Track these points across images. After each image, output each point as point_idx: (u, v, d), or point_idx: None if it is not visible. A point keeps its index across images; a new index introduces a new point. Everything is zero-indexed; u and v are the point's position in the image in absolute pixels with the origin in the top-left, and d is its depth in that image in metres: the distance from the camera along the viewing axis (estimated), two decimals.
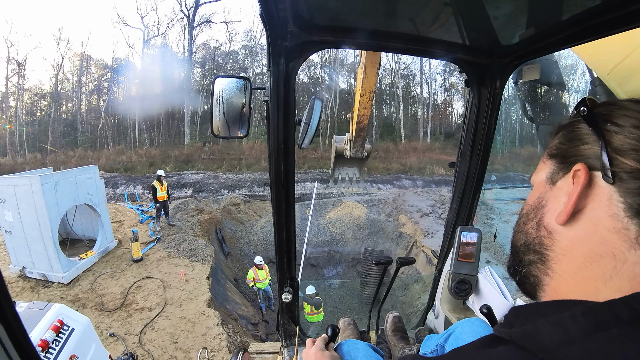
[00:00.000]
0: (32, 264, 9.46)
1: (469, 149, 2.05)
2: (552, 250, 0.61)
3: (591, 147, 0.58)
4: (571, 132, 0.64)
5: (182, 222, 14.07)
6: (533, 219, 0.66)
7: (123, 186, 22.31)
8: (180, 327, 8.00)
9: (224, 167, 27.02)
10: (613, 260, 0.52)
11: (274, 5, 1.22)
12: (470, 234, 2.10)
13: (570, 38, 1.24)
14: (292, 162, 1.76)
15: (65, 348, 3.58)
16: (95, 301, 8.79)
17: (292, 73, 1.52)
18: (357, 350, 1.45)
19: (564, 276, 0.59)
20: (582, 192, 0.56)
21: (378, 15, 1.33)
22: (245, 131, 1.64)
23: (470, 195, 2.20)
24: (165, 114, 33.22)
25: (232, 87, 1.57)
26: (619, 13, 1.01)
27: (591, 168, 0.56)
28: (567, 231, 0.59)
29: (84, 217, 11.58)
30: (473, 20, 1.34)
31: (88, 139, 33.82)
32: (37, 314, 3.65)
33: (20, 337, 0.80)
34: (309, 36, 1.44)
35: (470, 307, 2.20)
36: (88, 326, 4.09)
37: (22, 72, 33.91)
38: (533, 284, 0.65)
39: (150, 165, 26.94)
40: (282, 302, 2.40)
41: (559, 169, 0.64)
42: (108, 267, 10.42)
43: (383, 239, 16.08)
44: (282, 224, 1.99)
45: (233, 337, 7.94)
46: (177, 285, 9.67)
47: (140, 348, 7.18)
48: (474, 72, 1.80)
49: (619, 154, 0.53)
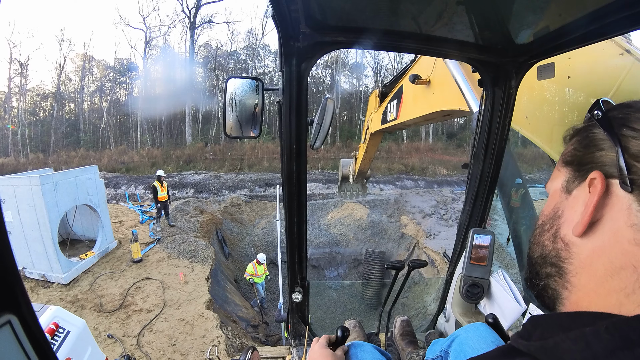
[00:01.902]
0: (32, 264, 9.46)
1: (482, 150, 2.03)
2: (570, 263, 0.58)
3: (607, 153, 0.55)
4: (586, 137, 0.61)
5: (182, 222, 14.07)
6: (549, 230, 0.64)
7: (124, 186, 22.39)
8: (178, 329, 7.98)
9: (226, 168, 27.14)
10: (635, 273, 0.49)
11: (285, 6, 1.23)
12: (483, 236, 2.07)
13: (586, 36, 1.22)
14: (304, 162, 1.77)
15: (60, 351, 3.63)
16: (94, 302, 8.77)
17: (305, 74, 1.52)
18: (363, 352, 1.42)
19: (583, 290, 0.56)
20: (600, 202, 0.53)
21: (390, 15, 1.33)
22: (257, 131, 1.66)
23: (483, 198, 2.18)
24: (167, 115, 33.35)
25: (245, 87, 1.59)
26: (635, 10, 0.99)
27: (608, 176, 0.54)
28: (585, 243, 0.56)
29: (84, 218, 11.59)
30: (487, 19, 1.32)
31: (90, 139, 34.09)
32: None
33: (36, 331, 0.75)
34: (321, 37, 1.44)
35: (482, 311, 2.18)
36: (84, 329, 4.10)
37: (24, 72, 34.16)
38: (552, 297, 0.63)
39: (152, 166, 27.04)
40: (292, 302, 2.40)
41: (574, 177, 0.61)
42: (108, 267, 10.40)
43: (385, 240, 16.02)
44: (294, 224, 1.99)
45: (232, 339, 7.91)
46: (177, 287, 9.65)
47: (139, 350, 7.15)
48: (488, 72, 1.78)
49: (637, 160, 0.50)
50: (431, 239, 14.05)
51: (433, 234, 14.31)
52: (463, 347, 1.47)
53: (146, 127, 34.29)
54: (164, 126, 34.46)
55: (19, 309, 0.69)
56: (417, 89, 4.66)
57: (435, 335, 2.63)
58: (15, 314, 0.68)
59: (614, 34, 1.15)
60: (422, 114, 4.72)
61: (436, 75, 4.06)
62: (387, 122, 7.02)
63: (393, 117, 6.44)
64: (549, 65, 2.25)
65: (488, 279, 2.09)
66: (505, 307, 1.88)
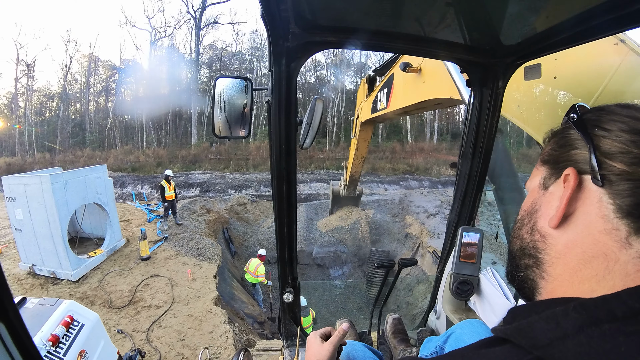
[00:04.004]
0: (42, 261, 9.56)
1: (470, 150, 2.04)
2: (546, 253, 0.63)
3: (581, 151, 0.60)
4: (562, 138, 0.66)
5: (189, 221, 14.15)
6: (527, 224, 0.68)
7: (131, 186, 22.51)
8: (187, 324, 8.04)
9: (231, 167, 27.21)
10: (605, 261, 0.54)
11: (275, 6, 1.21)
12: (472, 234, 2.07)
13: (573, 38, 1.24)
14: (293, 162, 1.75)
15: (75, 343, 3.64)
16: (103, 298, 8.86)
17: (294, 73, 1.51)
18: (355, 351, 1.47)
19: (559, 279, 0.60)
20: (573, 196, 0.58)
21: (380, 16, 1.33)
22: (246, 132, 1.63)
23: (471, 196, 2.19)
24: (172, 115, 33.45)
25: (234, 87, 1.57)
26: (623, 12, 1.01)
27: (581, 172, 0.58)
28: (560, 234, 0.60)
29: (92, 216, 11.69)
30: (475, 20, 1.33)
31: (96, 139, 34.21)
32: (47, 310, 3.72)
33: (23, 337, 0.81)
34: (311, 36, 1.43)
35: (472, 308, 2.18)
36: (97, 322, 4.14)
37: (31, 73, 34.40)
38: (530, 287, 0.67)
39: (158, 165, 27.16)
40: (283, 303, 2.38)
41: (550, 174, 0.66)
42: (116, 265, 10.50)
43: (389, 239, 16.04)
44: (284, 224, 1.97)
45: (239, 335, 7.97)
46: (185, 284, 9.73)
47: (148, 345, 7.23)
48: (476, 72, 1.80)
49: (607, 157, 0.55)
50: (435, 238, 14.02)
51: (437, 234, 14.30)
52: (459, 343, 1.50)
53: (152, 127, 34.41)
54: (169, 126, 34.53)
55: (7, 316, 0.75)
56: (408, 77, 4.67)
57: (426, 332, 2.64)
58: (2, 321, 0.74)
59: (600, 35, 1.17)
60: (413, 102, 4.74)
61: (427, 64, 4.07)
62: (377, 111, 7.00)
63: (383, 106, 6.41)
64: (536, 66, 2.27)
65: (477, 276, 2.08)
66: (495, 304, 1.88)
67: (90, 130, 35.19)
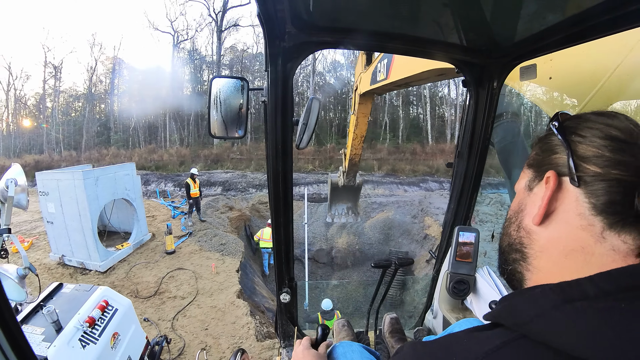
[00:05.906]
0: (71, 252, 9.98)
1: (466, 150, 2.04)
2: (531, 248, 0.69)
3: (560, 156, 0.65)
4: (545, 143, 0.71)
5: (212, 218, 14.47)
6: (514, 222, 0.74)
7: (154, 183, 23.06)
8: (210, 315, 8.26)
9: (252, 167, 27.46)
10: (583, 254, 0.59)
11: (272, 6, 1.22)
12: (468, 234, 2.07)
13: (568, 38, 1.28)
14: (290, 162, 1.73)
15: (109, 326, 3.83)
16: (130, 288, 9.17)
17: (290, 73, 1.50)
18: (352, 352, 1.47)
19: (542, 271, 0.66)
20: (553, 196, 0.64)
21: (376, 16, 1.35)
22: (242, 132, 1.63)
23: (467, 196, 2.19)
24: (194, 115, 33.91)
25: (230, 87, 1.57)
26: (617, 14, 1.05)
27: (560, 174, 0.64)
28: (542, 231, 0.66)
29: (120, 211, 12.14)
30: (470, 21, 1.36)
31: (121, 138, 34.93)
32: (83, 295, 3.95)
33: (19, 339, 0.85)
34: (307, 37, 1.44)
35: (469, 307, 2.19)
36: (130, 308, 4.35)
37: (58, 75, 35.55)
38: (518, 279, 0.72)
39: (181, 164, 27.62)
40: (280, 303, 2.33)
41: (535, 177, 0.71)
42: (142, 258, 10.85)
43: (408, 240, 16.03)
44: (280, 224, 1.95)
45: (260, 327, 8.13)
46: (208, 277, 9.96)
47: (173, 332, 7.45)
48: (472, 73, 1.80)
49: (583, 161, 0.60)
50: None
51: None
52: None
53: (174, 127, 35.02)
54: (191, 126, 35.05)
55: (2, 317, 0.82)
56: None
57: (423, 332, 2.63)
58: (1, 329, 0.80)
59: (595, 36, 1.19)
60: (415, 72, 4.59)
61: None
62: (377, 82, 6.83)
63: (383, 77, 6.29)
64: (531, 66, 2.25)
65: (474, 275, 2.09)
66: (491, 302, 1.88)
67: (114, 129, 36.08)
